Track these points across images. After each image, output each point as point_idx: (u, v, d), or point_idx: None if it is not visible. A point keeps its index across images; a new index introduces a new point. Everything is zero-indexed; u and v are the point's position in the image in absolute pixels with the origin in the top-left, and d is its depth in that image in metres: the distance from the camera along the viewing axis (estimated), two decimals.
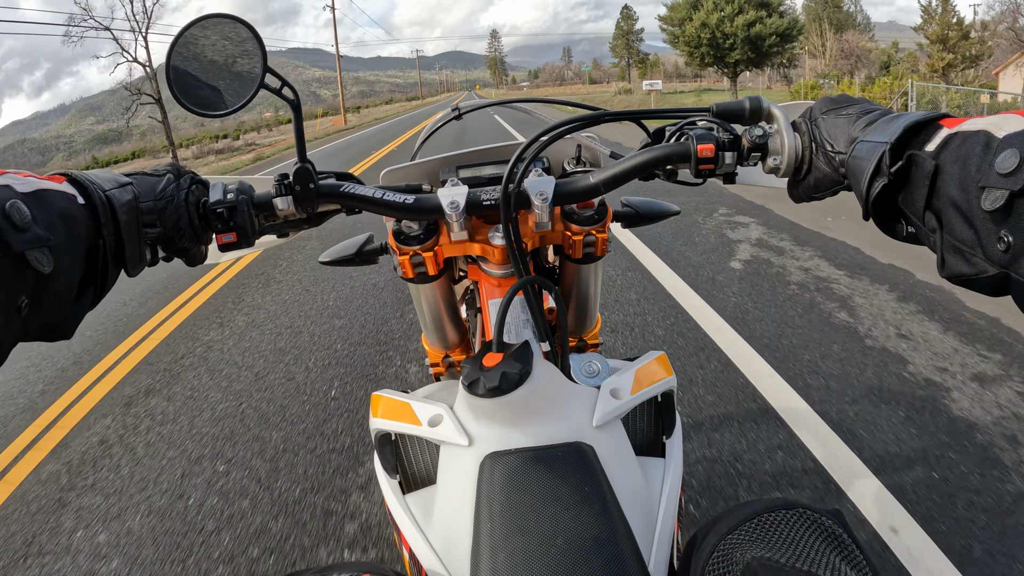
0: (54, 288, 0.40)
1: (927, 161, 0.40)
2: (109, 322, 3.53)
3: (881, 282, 2.88)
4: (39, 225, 0.38)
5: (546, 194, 0.61)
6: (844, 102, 0.53)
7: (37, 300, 0.39)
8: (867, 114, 0.50)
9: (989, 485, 1.50)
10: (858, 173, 0.46)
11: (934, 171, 0.39)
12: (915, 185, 0.41)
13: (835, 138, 0.51)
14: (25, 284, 0.37)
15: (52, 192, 0.42)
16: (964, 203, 0.37)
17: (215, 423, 2.20)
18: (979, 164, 0.36)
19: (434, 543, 0.53)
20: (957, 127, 0.40)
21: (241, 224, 0.57)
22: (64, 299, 0.42)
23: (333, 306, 3.31)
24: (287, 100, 0.56)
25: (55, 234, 0.40)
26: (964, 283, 0.39)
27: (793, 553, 0.43)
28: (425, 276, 0.69)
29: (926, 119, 0.42)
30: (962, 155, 0.37)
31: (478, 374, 0.52)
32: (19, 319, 0.38)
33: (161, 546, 1.60)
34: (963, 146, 0.38)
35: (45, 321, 0.41)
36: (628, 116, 0.65)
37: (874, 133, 0.46)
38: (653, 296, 2.93)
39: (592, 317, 0.89)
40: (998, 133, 0.36)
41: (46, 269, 0.38)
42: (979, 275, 0.37)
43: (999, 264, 0.35)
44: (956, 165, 0.38)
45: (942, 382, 1.98)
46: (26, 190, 0.39)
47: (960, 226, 0.37)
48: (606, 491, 0.49)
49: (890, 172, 0.42)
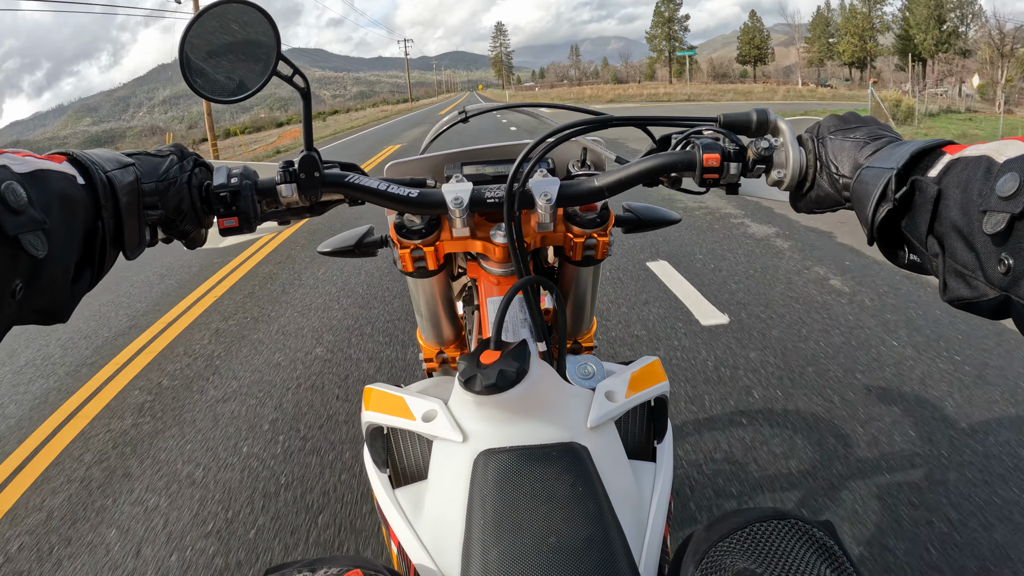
0: (49, 272, 0.39)
1: (930, 186, 0.40)
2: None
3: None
4: (35, 207, 0.37)
5: (550, 195, 0.61)
6: (853, 122, 0.54)
7: (31, 284, 0.38)
8: (874, 140, 0.50)
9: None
10: (863, 199, 0.46)
11: (937, 196, 0.40)
12: (918, 210, 0.42)
13: (840, 161, 0.51)
14: (19, 268, 0.37)
15: (51, 173, 0.41)
16: (966, 227, 0.37)
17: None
18: (980, 188, 0.36)
19: (424, 538, 0.53)
20: (959, 153, 0.40)
21: (244, 209, 0.56)
22: (59, 283, 0.41)
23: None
24: (298, 88, 0.56)
25: (51, 217, 0.39)
26: (966, 307, 0.39)
27: (783, 566, 0.43)
28: (425, 271, 0.69)
29: (930, 146, 0.43)
30: (964, 180, 0.38)
31: (475, 371, 0.52)
32: (13, 303, 0.37)
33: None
34: (965, 171, 0.38)
35: (40, 305, 0.40)
36: (636, 122, 0.66)
37: (879, 159, 0.46)
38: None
39: (588, 320, 0.90)
40: (999, 158, 0.36)
41: (40, 254, 0.37)
42: (980, 298, 0.37)
43: (999, 287, 0.35)
44: (958, 190, 0.38)
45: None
46: (24, 171, 0.38)
47: (962, 250, 0.38)
48: (599, 492, 0.49)
49: (895, 198, 0.43)
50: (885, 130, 0.52)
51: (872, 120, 0.54)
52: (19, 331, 3.11)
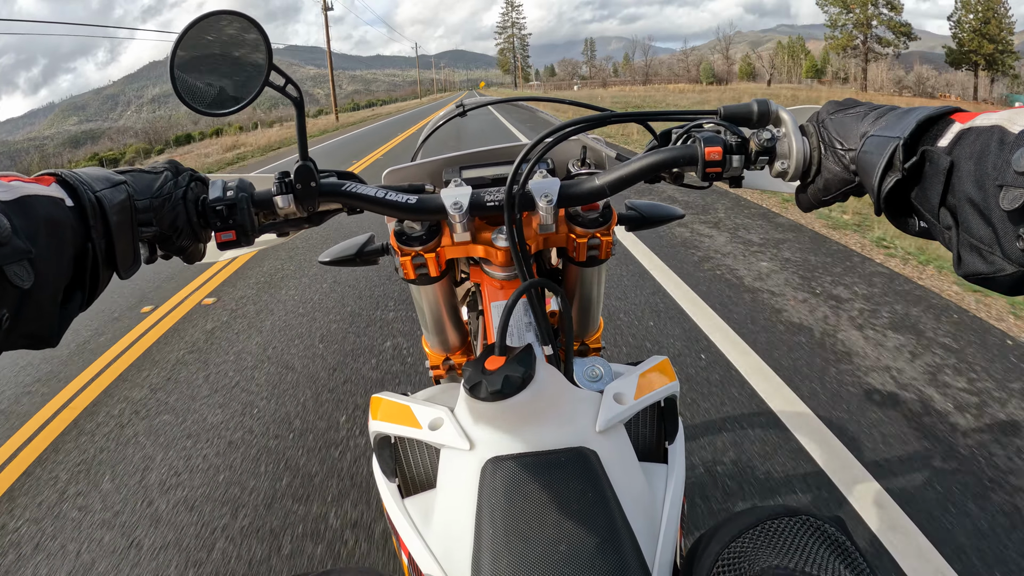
0: (36, 300, 0.39)
1: (942, 157, 0.39)
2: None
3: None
4: (20, 236, 0.37)
5: (551, 196, 0.60)
6: (851, 104, 0.53)
7: (18, 314, 0.38)
8: (876, 111, 0.49)
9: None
10: (869, 168, 0.45)
11: (949, 168, 0.39)
12: (929, 182, 0.41)
13: (844, 136, 0.50)
14: (5, 298, 0.36)
15: (37, 198, 0.40)
16: (981, 201, 0.36)
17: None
18: (995, 161, 0.35)
19: (434, 548, 0.52)
20: (970, 122, 0.39)
21: (241, 222, 0.56)
22: (47, 310, 0.40)
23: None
24: (291, 98, 0.55)
25: (38, 243, 0.38)
26: (981, 281, 0.38)
27: (801, 560, 0.43)
28: (427, 277, 0.69)
29: (938, 114, 0.42)
30: (977, 151, 0.37)
31: (480, 377, 0.51)
32: (0, 332, 0.37)
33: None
34: (978, 142, 0.37)
35: (28, 331, 0.40)
36: (635, 118, 0.65)
37: (885, 128, 0.45)
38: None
39: (595, 321, 0.89)
40: (1012, 128, 0.35)
41: (26, 284, 0.37)
42: (997, 274, 0.37)
43: (1018, 263, 0.35)
44: (971, 162, 0.37)
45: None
46: (8, 198, 0.38)
47: (977, 224, 0.37)
48: (609, 497, 0.49)
49: (903, 168, 0.42)
50: (884, 106, 0.51)
51: (870, 102, 0.53)
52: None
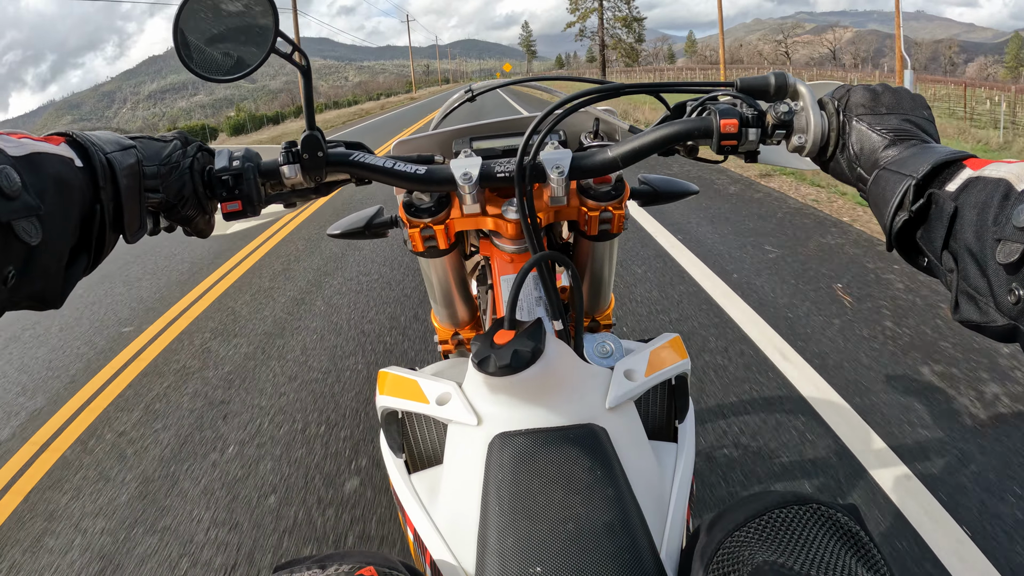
0: (43, 258, 0.38)
1: (947, 203, 0.40)
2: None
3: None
4: (29, 193, 0.37)
5: (563, 167, 0.58)
6: (885, 104, 0.50)
7: (24, 271, 0.37)
8: (900, 138, 0.48)
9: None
10: (881, 204, 0.46)
11: (953, 214, 0.40)
12: (934, 224, 0.42)
13: (861, 152, 0.50)
14: (11, 254, 0.36)
15: (47, 156, 0.40)
16: (979, 252, 0.37)
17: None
18: (996, 215, 0.36)
19: (440, 525, 0.52)
20: (980, 171, 0.40)
21: (247, 192, 0.55)
22: (53, 269, 0.40)
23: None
24: (297, 66, 0.55)
25: (46, 202, 0.38)
26: (974, 328, 0.40)
27: (805, 556, 0.40)
28: (436, 250, 0.68)
29: (952, 159, 0.43)
30: (981, 201, 0.38)
31: (489, 351, 0.50)
32: (5, 290, 0.37)
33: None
34: (983, 192, 0.38)
35: (32, 291, 0.39)
36: (648, 88, 0.63)
37: (900, 163, 0.45)
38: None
39: (606, 296, 0.87)
40: (1018, 185, 0.36)
41: (34, 240, 0.37)
42: (989, 324, 0.38)
43: (1009, 316, 0.36)
44: (974, 211, 0.38)
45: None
46: (18, 154, 0.38)
47: (974, 273, 0.38)
48: (618, 475, 0.48)
49: (911, 209, 0.43)
50: (917, 117, 0.50)
51: (905, 96, 0.51)
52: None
